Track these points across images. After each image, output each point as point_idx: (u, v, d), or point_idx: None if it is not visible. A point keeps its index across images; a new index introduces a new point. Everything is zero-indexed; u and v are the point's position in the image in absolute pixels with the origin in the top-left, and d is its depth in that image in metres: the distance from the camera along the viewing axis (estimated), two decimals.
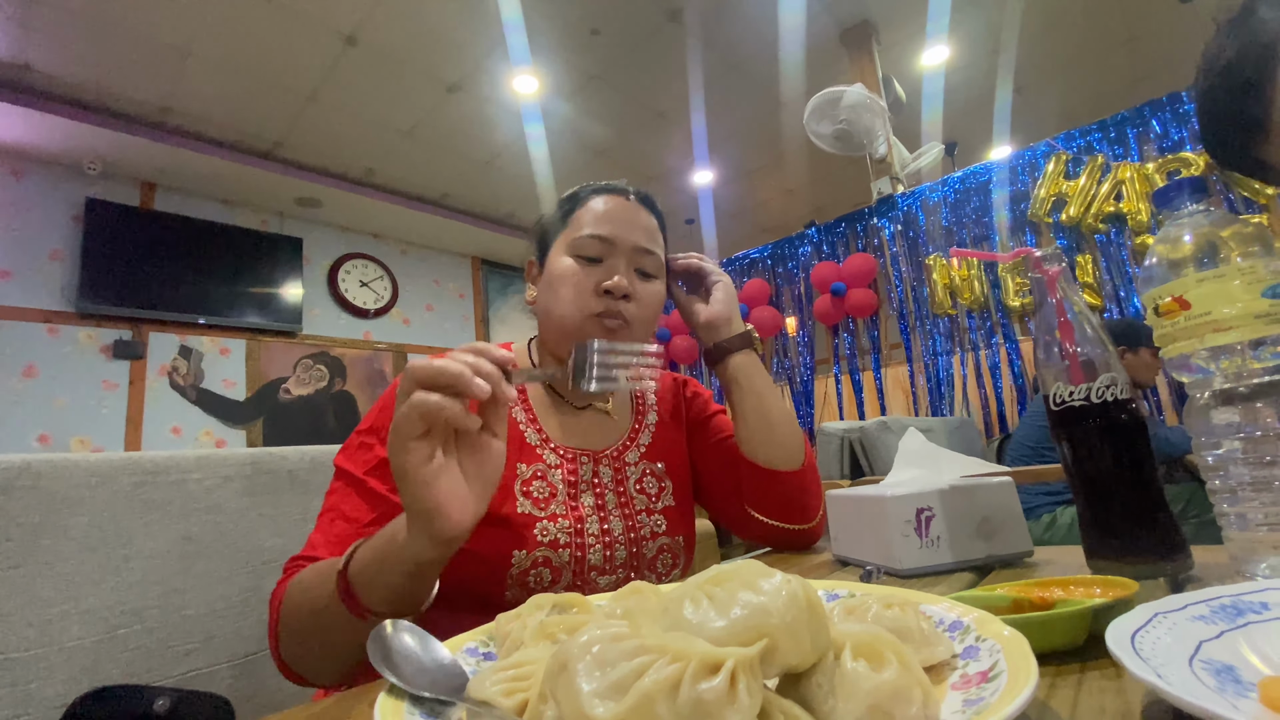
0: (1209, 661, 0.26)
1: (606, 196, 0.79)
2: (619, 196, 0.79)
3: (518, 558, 0.66)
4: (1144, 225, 2.89)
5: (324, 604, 0.52)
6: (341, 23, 3.15)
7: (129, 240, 3.79)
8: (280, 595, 0.59)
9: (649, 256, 0.77)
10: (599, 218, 0.76)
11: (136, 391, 3.73)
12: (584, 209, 0.78)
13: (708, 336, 0.83)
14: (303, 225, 4.67)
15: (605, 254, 0.75)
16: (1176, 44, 4.02)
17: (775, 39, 3.59)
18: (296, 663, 0.59)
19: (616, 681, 0.21)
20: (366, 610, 0.50)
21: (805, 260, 3.97)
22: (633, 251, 0.76)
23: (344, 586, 0.51)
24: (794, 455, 0.78)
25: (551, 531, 0.68)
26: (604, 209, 0.77)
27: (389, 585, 0.50)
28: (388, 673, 0.30)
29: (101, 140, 3.55)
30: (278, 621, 0.58)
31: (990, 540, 0.57)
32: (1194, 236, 0.49)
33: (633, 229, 0.77)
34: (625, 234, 0.76)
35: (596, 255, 0.75)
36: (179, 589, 0.81)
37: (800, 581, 0.25)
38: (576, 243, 0.75)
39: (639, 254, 0.76)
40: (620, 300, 0.74)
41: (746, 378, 0.80)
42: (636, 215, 0.78)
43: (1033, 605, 0.37)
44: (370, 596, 0.50)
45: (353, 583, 0.51)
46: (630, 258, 0.76)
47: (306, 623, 0.55)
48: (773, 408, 0.80)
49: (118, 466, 0.85)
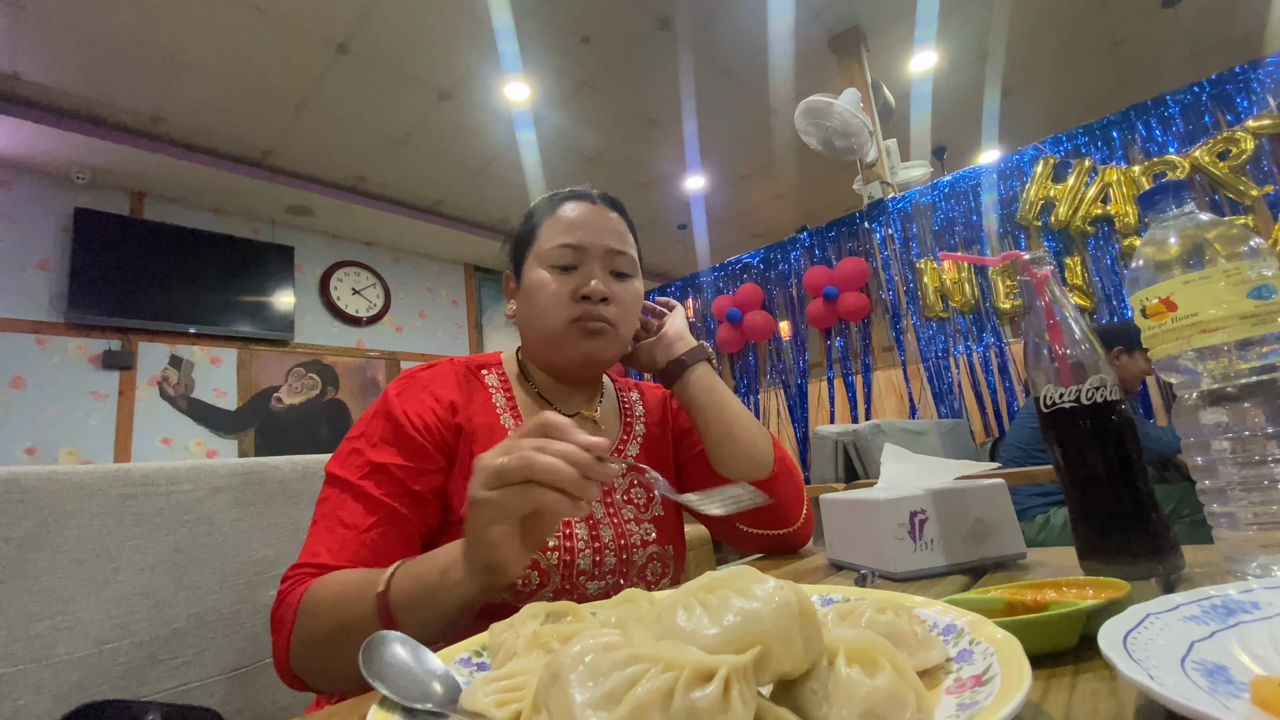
0: (1201, 662, 0.26)
1: (572, 203, 0.79)
2: (584, 202, 0.79)
3: None
4: (1131, 228, 2.92)
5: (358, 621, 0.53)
6: (333, 31, 3.15)
7: (119, 250, 3.76)
8: (294, 604, 0.58)
9: (622, 256, 0.77)
10: (567, 225, 0.77)
11: (126, 402, 3.70)
12: (551, 219, 0.78)
13: (663, 355, 0.81)
14: (294, 233, 4.66)
15: (578, 260, 0.75)
16: (1160, 48, 4.08)
17: (765, 46, 3.61)
18: (310, 673, 0.58)
19: (609, 691, 0.21)
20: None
21: (797, 264, 3.98)
22: (605, 254, 0.76)
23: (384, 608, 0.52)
24: (762, 463, 0.77)
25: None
26: (571, 216, 0.77)
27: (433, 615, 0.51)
28: (380, 685, 0.30)
29: (91, 150, 3.53)
30: (290, 631, 0.58)
31: (983, 542, 0.57)
32: (1180, 239, 0.49)
33: (602, 232, 0.77)
34: (595, 238, 0.76)
35: (570, 263, 0.75)
36: (169, 602, 0.80)
37: (793, 587, 0.25)
38: (548, 254, 0.75)
39: (611, 255, 0.77)
40: (600, 304, 0.74)
41: (705, 390, 0.78)
42: (604, 218, 0.78)
43: (1026, 608, 0.37)
44: (411, 620, 0.51)
45: (394, 606, 0.52)
46: (603, 260, 0.76)
47: (333, 637, 0.55)
48: (735, 418, 0.78)
49: (107, 478, 0.85)
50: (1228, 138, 2.76)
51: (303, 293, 4.59)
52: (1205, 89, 2.85)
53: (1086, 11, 3.72)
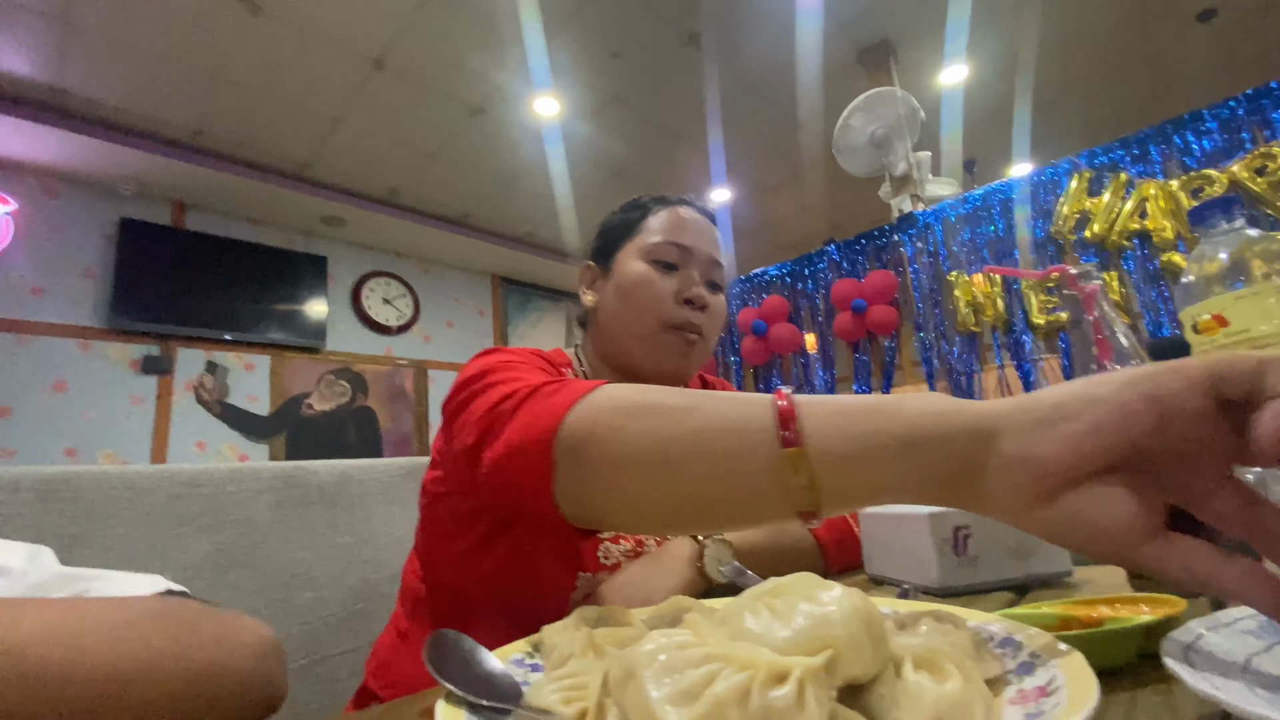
0: (1260, 673, 0.26)
1: (680, 207, 0.79)
2: (691, 208, 0.80)
3: (582, 580, 0.64)
4: (1170, 242, 2.85)
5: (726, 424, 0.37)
6: (370, 48, 3.24)
7: (160, 258, 3.89)
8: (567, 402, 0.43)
9: (719, 269, 0.78)
10: (675, 225, 0.76)
11: (163, 406, 3.80)
12: (656, 216, 0.78)
13: None
14: (327, 244, 4.77)
15: (682, 262, 0.75)
16: (1195, 62, 4.00)
17: (792, 60, 3.63)
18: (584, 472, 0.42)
19: (686, 689, 0.21)
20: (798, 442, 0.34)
21: (824, 277, 3.96)
22: (707, 262, 0.76)
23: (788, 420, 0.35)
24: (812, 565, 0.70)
25: (615, 554, 0.67)
26: (680, 218, 0.77)
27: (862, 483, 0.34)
28: (444, 680, 0.31)
29: (136, 161, 3.66)
30: (570, 406, 0.43)
31: (1028, 558, 0.57)
32: (1230, 254, 0.49)
33: (708, 240, 0.77)
34: (701, 244, 0.76)
35: (674, 261, 0.74)
36: (211, 600, 0.82)
37: (859, 594, 0.25)
38: (653, 248, 0.74)
39: (711, 265, 0.77)
40: (699, 311, 0.73)
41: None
42: (710, 228, 0.79)
43: (1081, 623, 0.37)
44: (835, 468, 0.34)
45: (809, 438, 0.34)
46: (703, 268, 0.76)
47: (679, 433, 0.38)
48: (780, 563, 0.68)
49: (153, 479, 0.87)
50: (1265, 153, 2.69)
51: (335, 302, 4.69)
52: (1242, 103, 2.79)
53: (1120, 24, 3.68)
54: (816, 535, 0.71)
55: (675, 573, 0.61)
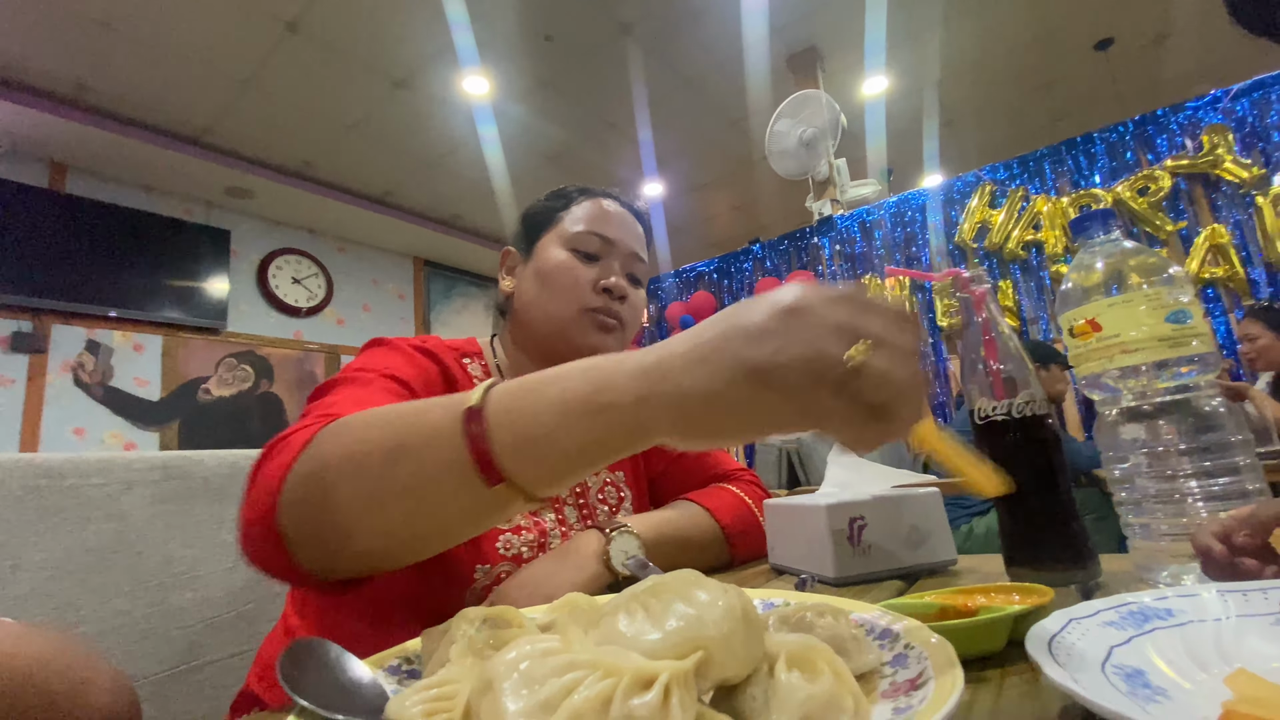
0: (1120, 666, 0.27)
1: (605, 200, 0.80)
2: (617, 202, 0.81)
3: (480, 572, 0.63)
4: (1059, 255, 3.10)
5: (420, 440, 0.39)
6: (282, 8, 3.02)
7: (34, 224, 3.50)
8: (305, 440, 0.43)
9: (640, 264, 0.79)
10: (599, 217, 0.77)
11: (35, 388, 3.44)
12: (581, 206, 0.78)
13: None
14: (232, 216, 4.44)
15: (603, 253, 0.76)
16: (1091, 88, 4.35)
17: (725, 58, 3.67)
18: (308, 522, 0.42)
19: (545, 700, 0.20)
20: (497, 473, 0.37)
21: (749, 275, 4.06)
22: (628, 255, 0.77)
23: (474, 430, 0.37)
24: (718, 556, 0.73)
25: (515, 545, 0.66)
26: (604, 210, 0.78)
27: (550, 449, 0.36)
28: (296, 694, 0.28)
29: (6, 115, 3.27)
30: (290, 465, 0.42)
31: (918, 548, 0.59)
32: (1105, 264, 0.52)
33: (630, 235, 0.78)
34: (624, 237, 0.77)
35: (595, 252, 0.75)
36: (73, 604, 0.74)
37: (736, 592, 0.24)
38: (575, 237, 0.75)
39: (633, 259, 0.78)
40: (617, 301, 0.74)
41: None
42: (633, 223, 0.80)
43: (958, 612, 0.38)
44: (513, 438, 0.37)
45: (492, 420, 0.37)
46: (624, 261, 0.77)
47: (369, 461, 0.40)
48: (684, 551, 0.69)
49: (6, 469, 0.78)
50: (1148, 175, 2.96)
51: (238, 279, 4.38)
52: (1129, 129, 3.06)
53: (1024, 48, 3.94)
54: (722, 526, 0.72)
55: (580, 568, 0.60)
